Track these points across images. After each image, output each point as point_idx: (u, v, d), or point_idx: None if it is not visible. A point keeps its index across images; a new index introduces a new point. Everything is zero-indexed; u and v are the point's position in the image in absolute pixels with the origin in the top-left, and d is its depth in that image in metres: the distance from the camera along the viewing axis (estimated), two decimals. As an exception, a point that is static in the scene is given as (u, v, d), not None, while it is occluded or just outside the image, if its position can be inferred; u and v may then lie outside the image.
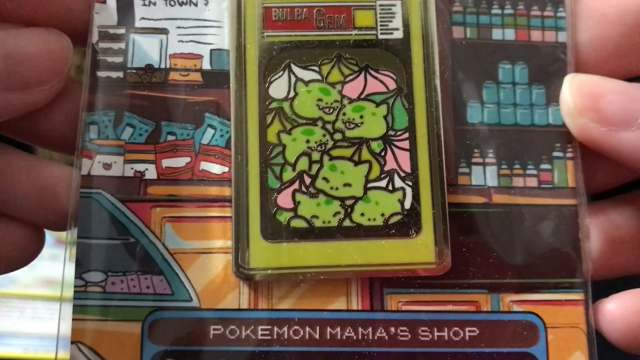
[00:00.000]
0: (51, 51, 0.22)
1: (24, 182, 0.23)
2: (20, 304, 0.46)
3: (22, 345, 0.42)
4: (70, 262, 0.23)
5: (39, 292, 0.47)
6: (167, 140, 0.23)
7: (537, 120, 0.24)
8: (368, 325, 0.23)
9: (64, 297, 0.22)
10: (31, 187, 0.23)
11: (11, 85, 0.21)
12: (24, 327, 0.44)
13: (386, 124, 0.24)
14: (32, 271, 0.49)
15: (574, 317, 0.23)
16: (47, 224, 0.24)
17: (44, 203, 0.23)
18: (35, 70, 0.22)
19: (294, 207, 0.23)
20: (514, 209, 0.24)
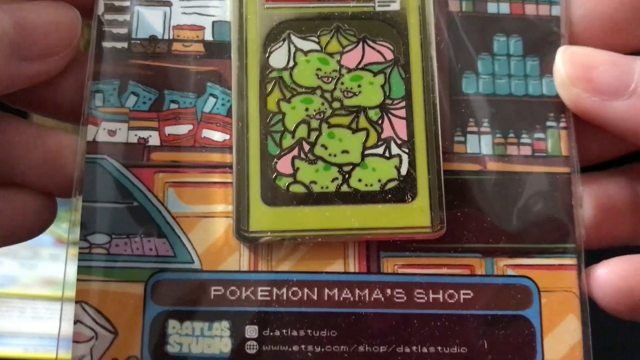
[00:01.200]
0: (61, 23, 0.23)
1: (32, 150, 0.24)
2: (21, 304, 0.46)
3: (23, 345, 0.42)
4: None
5: (39, 292, 0.47)
6: (170, 109, 0.24)
7: (531, 91, 0.25)
8: (365, 287, 0.23)
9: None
10: (38, 155, 0.24)
11: (22, 55, 0.22)
12: (24, 327, 0.44)
13: (383, 93, 0.24)
14: (32, 271, 0.49)
15: (567, 282, 0.24)
16: (54, 191, 0.24)
17: (50, 170, 0.24)
18: (45, 40, 0.22)
19: (293, 172, 0.24)
20: (508, 176, 0.24)
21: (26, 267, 0.49)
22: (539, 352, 0.23)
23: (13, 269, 0.49)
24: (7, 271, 0.49)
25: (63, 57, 0.23)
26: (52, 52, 0.23)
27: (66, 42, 0.23)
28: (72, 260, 0.23)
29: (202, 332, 0.23)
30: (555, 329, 0.23)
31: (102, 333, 0.23)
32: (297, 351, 0.23)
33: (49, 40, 0.22)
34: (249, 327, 0.23)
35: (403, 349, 0.23)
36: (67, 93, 0.24)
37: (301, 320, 0.23)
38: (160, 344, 0.23)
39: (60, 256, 0.50)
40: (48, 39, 0.22)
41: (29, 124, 0.25)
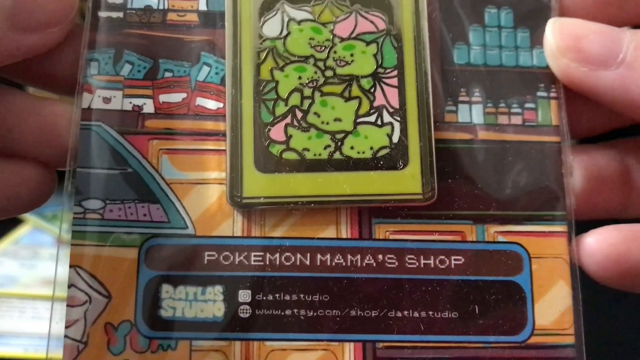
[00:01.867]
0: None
1: (27, 120, 0.24)
2: (21, 304, 0.46)
3: (23, 345, 0.42)
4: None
5: (39, 292, 0.47)
6: (164, 77, 0.24)
7: (522, 62, 0.25)
8: (357, 252, 0.24)
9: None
10: (34, 125, 0.24)
11: (20, 26, 0.22)
12: (24, 327, 0.44)
13: (376, 62, 0.24)
14: (32, 271, 0.49)
15: (557, 248, 0.24)
16: (49, 161, 0.24)
17: (46, 140, 0.24)
18: (43, 12, 0.23)
19: (286, 140, 0.24)
20: (499, 145, 0.25)
21: (26, 267, 0.50)
22: (530, 318, 0.23)
23: (13, 269, 0.49)
24: (7, 271, 0.49)
25: (61, 29, 0.23)
26: (50, 24, 0.23)
27: (64, 14, 0.23)
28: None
29: (196, 296, 0.23)
30: (546, 295, 0.24)
31: (95, 297, 0.23)
32: (289, 315, 0.23)
33: (46, 12, 0.23)
34: (242, 292, 0.23)
35: (395, 313, 0.23)
36: (64, 66, 0.24)
37: (294, 284, 0.23)
38: (154, 308, 0.23)
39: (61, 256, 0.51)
40: (46, 10, 0.23)
41: (23, 94, 0.25)
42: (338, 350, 0.23)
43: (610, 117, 0.27)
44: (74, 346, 0.22)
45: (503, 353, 0.23)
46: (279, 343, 0.23)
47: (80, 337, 0.22)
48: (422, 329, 0.23)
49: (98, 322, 0.23)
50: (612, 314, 0.39)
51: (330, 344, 0.23)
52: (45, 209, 0.56)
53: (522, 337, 0.23)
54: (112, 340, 0.23)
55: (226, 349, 0.23)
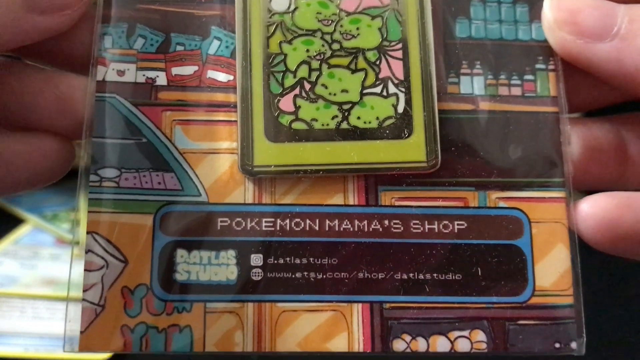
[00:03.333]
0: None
1: (44, 93, 0.25)
2: (21, 304, 0.46)
3: (23, 345, 0.42)
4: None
5: (39, 292, 0.47)
6: (176, 51, 0.25)
7: (521, 35, 0.26)
8: (364, 218, 0.24)
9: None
10: (51, 98, 0.25)
11: (36, 8, 0.23)
12: (24, 326, 0.44)
13: (381, 36, 0.25)
14: (32, 271, 0.49)
15: (556, 213, 0.25)
16: (66, 132, 0.25)
17: (63, 112, 0.25)
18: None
19: (295, 110, 0.25)
20: (499, 115, 0.25)
21: (27, 267, 0.50)
22: (530, 279, 0.24)
23: (13, 269, 0.49)
24: (7, 271, 0.49)
25: (75, 11, 0.24)
26: (64, 6, 0.24)
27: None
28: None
29: (210, 260, 0.24)
30: (546, 258, 0.25)
31: (112, 262, 0.24)
32: (300, 278, 0.24)
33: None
34: (254, 256, 0.24)
35: (400, 275, 0.24)
36: (80, 46, 0.25)
37: (304, 249, 0.24)
38: (169, 272, 0.24)
39: (61, 256, 0.51)
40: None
41: (39, 68, 0.25)
42: (347, 310, 0.24)
43: (606, 92, 0.27)
44: (91, 309, 0.23)
45: (505, 313, 0.24)
46: (290, 304, 0.24)
47: (97, 300, 0.23)
48: (427, 290, 0.24)
49: (115, 286, 0.23)
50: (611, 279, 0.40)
51: (339, 305, 0.24)
52: (45, 209, 0.57)
53: (523, 298, 0.24)
54: (128, 303, 0.23)
55: (239, 311, 0.24)
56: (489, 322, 0.24)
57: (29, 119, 0.25)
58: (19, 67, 0.25)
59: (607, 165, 0.27)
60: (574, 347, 0.24)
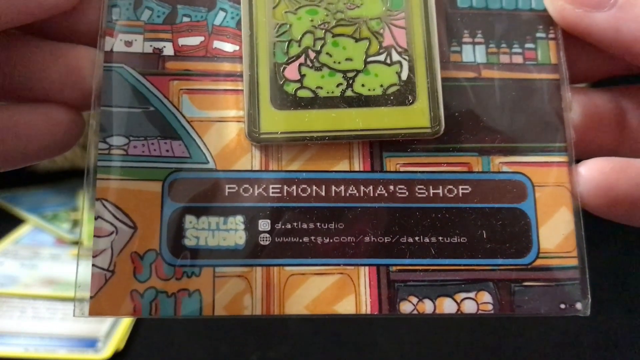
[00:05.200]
0: None
1: (53, 65, 0.25)
2: (21, 304, 0.46)
3: (23, 345, 0.42)
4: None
5: (39, 292, 0.47)
6: (182, 22, 0.26)
7: (521, 5, 0.27)
8: (369, 184, 0.25)
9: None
10: (59, 69, 0.25)
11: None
12: (24, 326, 0.44)
13: (384, 5, 0.26)
14: (32, 271, 0.49)
15: (559, 177, 0.25)
16: (75, 103, 0.25)
17: (71, 83, 0.25)
18: None
19: (300, 79, 0.25)
20: (501, 82, 0.26)
21: (27, 267, 0.50)
22: (535, 241, 0.25)
23: (13, 269, 0.50)
24: (7, 271, 0.49)
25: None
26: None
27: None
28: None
29: (218, 226, 0.24)
30: (550, 220, 0.25)
31: (122, 228, 0.24)
32: (307, 242, 0.24)
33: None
34: (261, 221, 0.24)
35: (406, 239, 0.24)
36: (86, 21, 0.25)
37: (310, 214, 0.24)
38: (178, 238, 0.24)
39: (61, 256, 0.51)
40: None
41: (47, 41, 0.26)
42: (354, 273, 0.24)
43: (606, 62, 0.28)
44: (101, 274, 0.23)
45: (510, 275, 0.24)
46: (297, 268, 0.24)
47: (107, 266, 0.24)
48: (433, 253, 0.24)
49: (124, 251, 0.24)
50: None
51: (346, 268, 0.24)
52: (45, 209, 0.57)
53: (528, 260, 0.25)
54: (138, 269, 0.24)
55: (248, 275, 0.24)
56: (495, 283, 0.24)
57: (38, 91, 0.25)
58: (27, 40, 0.25)
59: (606, 132, 0.27)
60: (579, 307, 0.24)
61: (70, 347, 0.42)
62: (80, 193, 0.58)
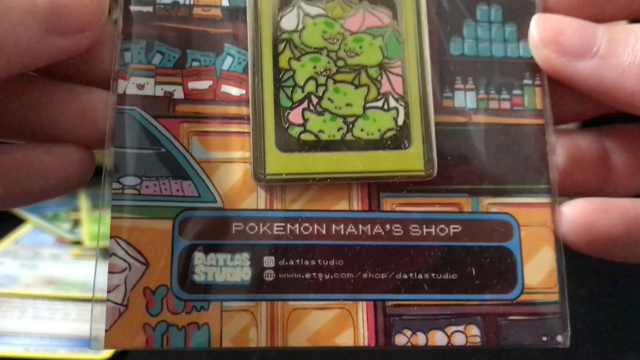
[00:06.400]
0: (90, 1, 0.25)
1: (69, 107, 0.26)
2: (21, 304, 0.46)
3: (23, 345, 0.42)
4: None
5: (40, 292, 0.47)
6: (192, 66, 0.27)
7: (510, 53, 0.28)
8: (367, 222, 0.26)
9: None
10: (74, 110, 0.26)
11: (55, 31, 0.24)
12: (25, 326, 0.44)
13: (382, 53, 0.27)
14: (33, 271, 0.50)
15: (543, 218, 0.27)
16: (88, 143, 0.27)
17: (85, 124, 0.26)
18: (76, 18, 0.25)
19: (304, 123, 0.27)
20: (490, 127, 0.28)
21: (27, 266, 0.50)
22: (520, 278, 0.27)
23: (14, 269, 0.50)
24: (8, 271, 0.49)
25: (92, 33, 0.25)
26: (81, 28, 0.25)
27: (94, 19, 0.25)
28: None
29: (225, 262, 0.26)
30: (533, 258, 0.27)
31: (134, 264, 0.25)
32: (308, 278, 0.26)
33: (79, 18, 0.25)
34: (266, 258, 0.26)
35: (402, 275, 0.26)
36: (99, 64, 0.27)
37: (312, 251, 0.26)
38: (188, 274, 0.25)
39: (61, 256, 0.52)
40: (79, 16, 0.25)
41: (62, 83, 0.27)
42: (352, 308, 0.26)
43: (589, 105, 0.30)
44: (115, 309, 0.25)
45: (496, 309, 0.26)
46: (300, 303, 0.26)
47: (121, 300, 0.25)
48: (426, 288, 0.26)
49: (137, 287, 0.25)
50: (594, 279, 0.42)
51: (346, 303, 0.26)
52: (45, 209, 0.57)
53: (513, 295, 0.26)
54: (150, 303, 0.25)
55: (253, 309, 0.25)
56: (482, 317, 0.26)
57: (54, 131, 0.26)
58: (44, 82, 0.26)
59: (590, 173, 0.29)
60: (559, 340, 0.26)
61: (70, 346, 0.42)
62: (81, 193, 0.59)
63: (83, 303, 0.46)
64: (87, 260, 0.51)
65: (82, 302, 0.47)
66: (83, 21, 0.25)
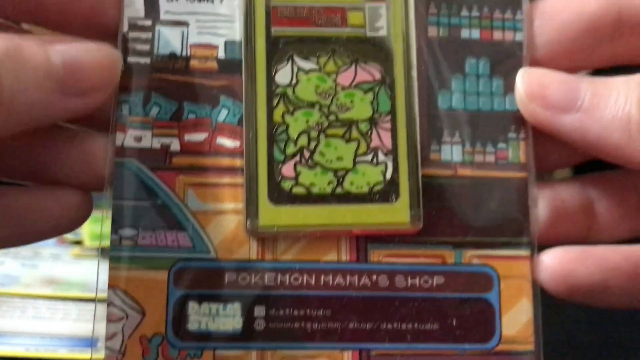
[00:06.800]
0: (104, 63, 0.26)
1: (69, 152, 0.27)
2: (22, 304, 0.46)
3: (24, 345, 0.43)
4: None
5: (40, 292, 0.48)
6: (188, 118, 0.28)
7: (496, 106, 0.29)
8: (355, 273, 0.28)
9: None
10: (75, 156, 0.27)
11: (68, 92, 0.25)
12: (25, 326, 0.45)
13: (372, 108, 0.28)
14: (33, 271, 0.50)
15: (522, 270, 0.28)
16: (88, 186, 0.27)
17: (85, 169, 0.27)
18: (89, 79, 0.25)
19: (296, 176, 0.28)
20: (475, 181, 0.29)
21: (27, 266, 0.50)
22: (498, 328, 0.28)
23: (14, 269, 0.50)
24: (8, 271, 0.50)
25: (104, 94, 0.26)
26: (94, 89, 0.26)
27: (108, 81, 0.26)
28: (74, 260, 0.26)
29: (218, 312, 0.27)
30: (512, 310, 0.28)
31: (131, 314, 0.26)
32: (298, 327, 0.27)
33: (92, 79, 0.25)
34: (257, 308, 0.27)
35: (386, 325, 0.28)
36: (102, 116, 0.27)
37: (301, 301, 0.27)
38: (182, 322, 0.27)
39: (62, 256, 0.52)
40: (92, 78, 0.25)
41: (65, 127, 0.28)
42: (339, 357, 0.27)
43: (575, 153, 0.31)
44: (113, 357, 0.26)
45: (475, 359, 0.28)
46: (289, 352, 0.27)
47: (118, 348, 0.26)
48: (409, 338, 0.28)
49: (134, 335, 0.26)
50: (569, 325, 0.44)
51: (333, 352, 0.27)
52: None
53: (491, 345, 0.28)
54: (146, 351, 0.26)
55: (245, 357, 0.27)
56: (462, 366, 0.28)
57: (54, 174, 0.27)
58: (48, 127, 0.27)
59: (574, 223, 0.30)
60: (534, 387, 0.28)
61: (70, 346, 0.43)
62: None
63: (83, 303, 0.47)
64: (87, 260, 0.52)
65: (82, 302, 0.47)
66: (97, 81, 0.26)
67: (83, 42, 0.26)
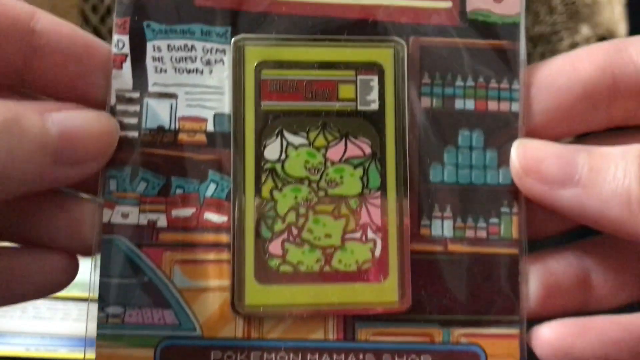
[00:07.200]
0: (102, 134, 0.26)
1: (58, 217, 0.27)
2: (22, 304, 0.47)
3: (24, 345, 0.42)
4: None
5: None
6: (176, 193, 0.28)
7: (489, 180, 0.29)
8: (342, 352, 0.28)
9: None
10: (64, 221, 0.27)
11: (63, 161, 0.25)
12: (25, 326, 0.44)
13: (362, 184, 0.28)
14: None
15: (510, 349, 0.28)
16: (76, 250, 0.28)
17: (73, 234, 0.27)
18: (85, 149, 0.25)
19: (283, 254, 0.28)
20: (465, 257, 0.28)
21: None
22: None
23: None
24: None
25: (99, 163, 0.26)
26: (89, 158, 0.26)
27: (103, 151, 0.26)
28: None
29: (203, 390, 0.27)
30: (499, 389, 0.28)
31: (118, 390, 0.27)
32: None
33: (88, 150, 0.25)
34: (242, 386, 0.27)
35: (373, 404, 0.28)
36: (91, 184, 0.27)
37: None
38: (168, 401, 0.27)
39: None
40: (87, 148, 0.25)
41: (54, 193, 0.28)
42: None
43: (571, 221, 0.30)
44: None
45: None
46: None
47: None
48: None
49: (121, 413, 0.27)
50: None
51: None
52: None
53: None
54: None
55: None
56: None
57: (42, 238, 0.27)
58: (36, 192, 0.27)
59: (569, 296, 0.30)
60: None
61: (71, 346, 0.43)
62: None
63: (83, 303, 0.47)
64: (87, 260, 0.52)
65: (82, 302, 0.47)
66: (92, 152, 0.26)
67: (82, 110, 0.26)
